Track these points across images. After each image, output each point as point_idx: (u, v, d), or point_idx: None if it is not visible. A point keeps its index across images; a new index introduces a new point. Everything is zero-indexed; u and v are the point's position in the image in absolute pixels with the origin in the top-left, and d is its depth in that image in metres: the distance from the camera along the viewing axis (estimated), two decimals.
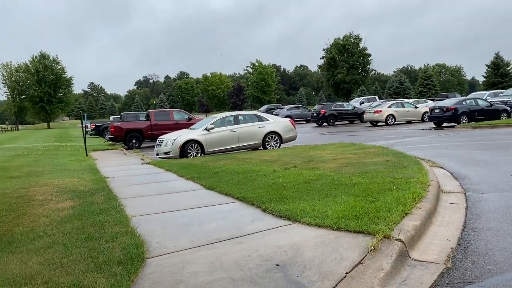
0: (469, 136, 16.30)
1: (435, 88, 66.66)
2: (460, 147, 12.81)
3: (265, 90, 61.28)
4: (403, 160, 9.12)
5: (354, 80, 49.64)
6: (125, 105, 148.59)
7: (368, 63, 50.50)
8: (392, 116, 28.18)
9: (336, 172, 8.27)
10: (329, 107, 34.15)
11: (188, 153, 14.72)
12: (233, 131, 15.45)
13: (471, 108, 22.47)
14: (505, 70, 55.68)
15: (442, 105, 23.20)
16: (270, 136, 16.01)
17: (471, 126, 20.26)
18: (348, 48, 49.48)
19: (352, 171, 8.19)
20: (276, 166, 9.88)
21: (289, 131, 16.48)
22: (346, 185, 6.68)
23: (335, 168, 8.85)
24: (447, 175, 8.25)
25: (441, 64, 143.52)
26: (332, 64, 50.31)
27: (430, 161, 10.08)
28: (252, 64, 62.16)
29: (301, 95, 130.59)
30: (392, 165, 8.44)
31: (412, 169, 7.66)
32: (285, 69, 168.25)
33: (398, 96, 65.81)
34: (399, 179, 6.67)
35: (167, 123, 22.97)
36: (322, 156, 11.17)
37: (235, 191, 6.98)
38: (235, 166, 10.41)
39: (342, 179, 7.22)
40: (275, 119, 16.92)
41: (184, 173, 10.01)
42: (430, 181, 6.51)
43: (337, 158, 10.45)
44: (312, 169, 9.05)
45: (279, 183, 7.36)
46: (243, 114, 16.89)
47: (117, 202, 6.69)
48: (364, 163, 9.15)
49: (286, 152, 13.17)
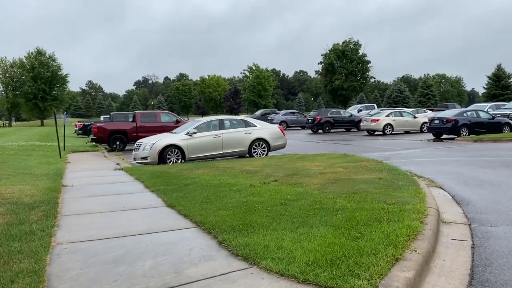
0: (471, 150, 15.23)
1: (435, 98, 65.64)
2: (461, 163, 11.74)
3: (261, 94, 59.99)
4: (398, 178, 8.03)
5: (352, 87, 48.43)
6: (123, 104, 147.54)
7: (367, 70, 49.32)
8: (389, 126, 27.13)
9: (320, 190, 7.18)
10: (325, 113, 33.10)
11: (167, 159, 13.62)
12: (217, 137, 14.35)
13: (472, 120, 21.43)
14: (506, 82, 54.69)
15: (442, 116, 22.15)
16: (258, 143, 14.92)
17: (472, 139, 19.21)
18: (347, 54, 48.33)
19: (339, 190, 7.10)
20: (255, 179, 8.79)
21: (278, 139, 15.40)
22: (328, 210, 5.58)
23: (320, 185, 7.76)
24: (448, 198, 7.17)
25: (441, 75, 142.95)
26: (330, 70, 49.10)
27: (428, 179, 9.00)
28: (250, 67, 61.10)
29: (300, 101, 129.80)
30: (385, 184, 7.34)
31: (407, 191, 6.56)
32: (285, 74, 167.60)
33: (397, 105, 64.85)
34: (391, 205, 5.57)
35: (153, 125, 21.88)
36: (308, 169, 10.08)
37: (197, 211, 5.88)
38: (210, 177, 9.31)
39: (324, 201, 6.13)
40: (263, 125, 15.83)
41: (152, 183, 8.90)
42: (428, 209, 5.41)
43: (325, 172, 9.36)
44: (294, 185, 7.96)
45: (250, 203, 6.26)
46: (229, 118, 15.81)
47: (53, 221, 5.58)
48: (353, 180, 8.06)
49: (271, 162, 12.08)
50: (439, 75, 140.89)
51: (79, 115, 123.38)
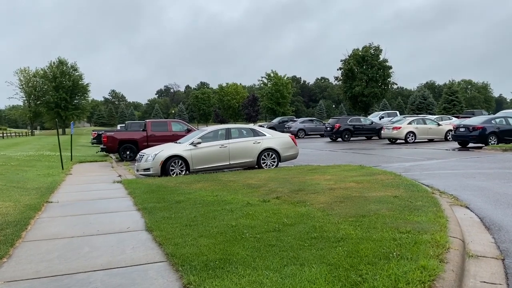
0: (500, 161, 13.93)
1: (460, 105, 63.24)
2: (490, 176, 10.54)
3: (280, 101, 58.85)
4: (417, 196, 6.98)
5: (373, 93, 46.72)
6: (145, 113, 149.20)
7: (388, 76, 47.55)
8: (412, 134, 25.74)
9: (324, 211, 6.22)
10: (345, 121, 31.87)
11: (170, 171, 12.85)
12: (224, 147, 13.51)
13: (501, 127, 19.95)
14: None
15: (468, 124, 20.74)
16: (267, 153, 13.99)
17: (501, 149, 17.79)
18: (368, 59, 46.72)
19: (346, 211, 6.13)
20: (255, 196, 7.90)
21: (289, 148, 14.43)
22: (327, 239, 4.63)
23: (326, 204, 6.80)
24: (475, 221, 6.09)
25: (467, 80, 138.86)
26: (349, 76, 47.54)
27: (452, 197, 7.90)
28: (268, 74, 59.97)
29: (321, 108, 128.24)
30: (400, 205, 6.32)
31: (426, 215, 5.54)
32: (305, 81, 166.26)
33: (421, 111, 62.87)
34: (405, 235, 4.58)
35: (164, 134, 21.25)
36: (318, 184, 9.12)
37: (174, 238, 5.03)
38: (207, 193, 8.47)
39: (326, 227, 5.18)
40: (273, 134, 14.89)
41: (142, 200, 8.11)
42: (451, 240, 4.40)
43: (335, 188, 8.38)
44: (297, 203, 7.03)
45: (239, 228, 5.37)
46: (237, 127, 14.93)
47: (7, 250, 4.82)
48: (365, 198, 7.06)
49: (279, 175, 11.16)
50: (465, 81, 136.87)
51: (102, 124, 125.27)
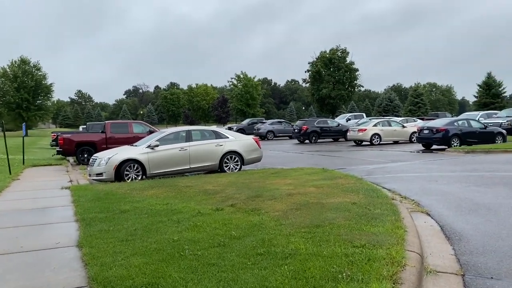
0: (463, 163, 13.93)
1: (425, 107, 64.61)
2: (453, 179, 10.39)
3: (249, 103, 58.36)
4: (376, 203, 6.63)
5: (340, 96, 46.94)
6: (113, 114, 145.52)
7: (355, 78, 47.97)
8: (377, 136, 25.81)
9: (277, 221, 5.77)
10: (312, 123, 31.73)
11: (125, 176, 12.13)
12: (184, 150, 12.90)
13: (463, 130, 20.18)
14: (497, 90, 53.86)
15: (431, 126, 20.88)
16: (230, 156, 13.48)
17: (463, 150, 17.94)
18: (335, 62, 46.86)
19: (300, 220, 5.69)
20: (209, 204, 7.38)
21: (253, 151, 13.96)
22: (274, 256, 4.16)
23: (282, 212, 6.35)
24: (435, 230, 5.78)
25: (432, 83, 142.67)
26: (317, 78, 47.54)
27: (413, 202, 7.63)
28: (237, 76, 59.40)
29: (292, 110, 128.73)
30: (358, 213, 5.94)
31: (383, 225, 5.16)
32: (276, 83, 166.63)
33: (388, 113, 63.84)
34: (358, 249, 4.17)
35: (125, 136, 20.33)
36: (277, 189, 8.68)
37: (104, 257, 4.45)
38: (157, 201, 7.87)
39: (276, 241, 4.71)
40: (237, 136, 14.39)
41: (84, 209, 7.43)
42: (407, 255, 4.02)
43: (294, 194, 7.95)
44: (251, 211, 6.56)
45: (181, 243, 4.83)
46: (198, 129, 14.36)
47: None
48: (322, 205, 6.66)
49: (239, 179, 10.66)
50: (430, 83, 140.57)
51: (67, 125, 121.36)
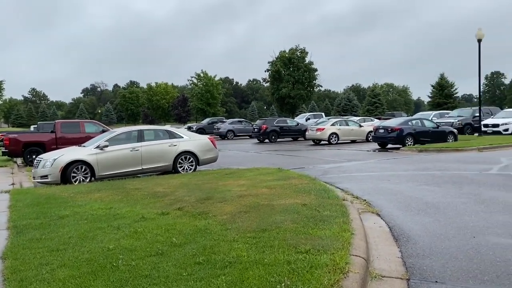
0: (415, 162, 14.22)
1: (382, 107, 66.37)
2: (405, 178, 10.52)
3: (210, 102, 57.70)
4: (326, 204, 6.51)
5: (300, 95, 47.35)
6: (69, 113, 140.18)
7: (314, 78, 48.49)
8: (335, 135, 26.09)
9: (224, 225, 5.51)
10: (271, 122, 31.73)
11: (72, 178, 11.49)
12: (135, 150, 12.38)
13: (417, 129, 20.71)
14: (449, 91, 56.12)
15: (387, 125, 21.30)
16: (184, 156, 13.08)
17: (417, 149, 18.40)
18: (294, 61, 47.17)
19: (247, 224, 5.46)
20: (156, 208, 7.02)
21: (208, 151, 13.63)
22: (214, 265, 3.90)
23: (230, 215, 6.11)
24: (385, 231, 5.71)
25: (389, 84, 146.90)
26: (277, 78, 47.67)
27: (365, 202, 7.60)
28: (197, 74, 58.49)
29: (253, 109, 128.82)
30: (307, 215, 5.78)
31: (331, 228, 5.02)
32: (238, 82, 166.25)
33: (346, 113, 65.07)
34: (302, 255, 3.98)
35: (76, 136, 19.41)
36: (229, 190, 8.42)
37: (27, 271, 4.03)
38: (101, 205, 7.42)
39: (218, 247, 4.45)
40: (191, 136, 14.00)
41: (20, 216, 6.87)
42: (352, 261, 3.87)
43: (245, 195, 7.72)
44: (198, 215, 6.27)
45: (116, 252, 4.48)
46: (150, 129, 13.88)
47: None
48: (272, 207, 6.46)
49: (192, 180, 10.33)
50: (387, 84, 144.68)
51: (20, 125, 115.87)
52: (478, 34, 23.55)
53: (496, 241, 4.93)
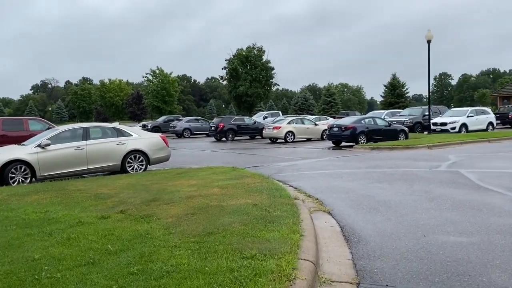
0: (368, 159, 14.38)
1: (337, 106, 67.72)
2: (357, 176, 10.54)
3: (166, 99, 56.37)
4: (277, 204, 6.28)
5: (257, 94, 47.28)
6: (18, 110, 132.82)
7: (271, 77, 48.58)
8: (291, 133, 26.18)
9: (168, 229, 5.15)
10: (228, 121, 31.40)
11: (10, 179, 10.64)
12: (80, 149, 11.67)
13: (369, 127, 21.09)
14: (401, 90, 58.03)
15: (340, 124, 21.55)
16: (133, 155, 12.49)
17: (369, 147, 18.69)
18: (251, 60, 47.02)
19: (193, 228, 5.12)
20: (96, 211, 6.52)
21: (159, 150, 13.09)
22: (149, 275, 3.54)
23: (176, 218, 5.74)
24: (336, 231, 5.55)
25: (344, 84, 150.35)
26: (234, 76, 47.37)
27: (317, 201, 7.45)
28: (153, 71, 56.90)
29: (212, 107, 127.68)
30: (256, 216, 5.51)
31: (280, 229, 4.78)
32: (196, 80, 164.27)
33: (303, 112, 65.81)
34: (247, 261, 3.70)
35: (20, 135, 18.21)
36: (178, 191, 8.02)
37: None
38: (36, 209, 6.81)
39: (157, 254, 4.09)
40: (141, 134, 13.42)
41: None
42: (300, 265, 3.63)
43: (194, 196, 7.36)
44: (142, 218, 5.85)
45: (42, 263, 4.01)
46: (97, 126, 13.16)
47: None
48: (222, 208, 6.15)
49: (141, 181, 9.82)
50: (342, 84, 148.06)
51: None
52: (427, 35, 24.34)
53: (446, 240, 4.88)
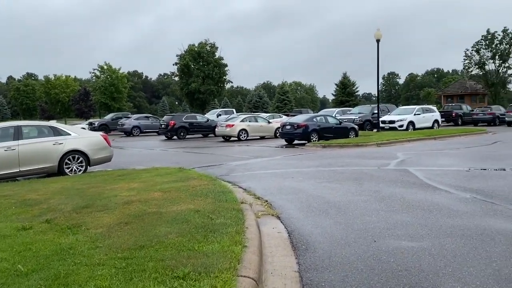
0: (319, 158, 14.25)
1: (291, 104, 68.38)
2: (308, 175, 10.29)
3: (115, 96, 54.10)
4: (222, 209, 5.83)
5: (210, 91, 46.50)
6: None
7: (224, 74, 47.97)
8: (244, 131, 25.82)
9: (95, 242, 4.55)
10: (180, 118, 30.51)
11: None
12: (11, 150, 10.63)
13: (321, 125, 21.13)
14: (351, 89, 59.35)
15: (293, 122, 21.44)
16: (72, 156, 11.58)
17: (321, 145, 18.70)
18: (204, 56, 46.11)
19: (124, 240, 4.56)
20: (19, 220, 5.79)
21: (101, 150, 12.23)
22: None
23: (107, 228, 5.14)
24: (283, 237, 5.18)
25: (297, 82, 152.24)
26: (186, 72, 46.26)
27: (266, 203, 7.08)
28: (100, 67, 54.35)
29: (164, 104, 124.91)
30: (197, 225, 5.03)
31: (220, 241, 4.32)
32: (148, 77, 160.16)
33: (258, 110, 65.78)
34: (178, 282, 3.21)
35: None
36: (116, 196, 7.36)
37: None
38: None
39: (74, 276, 3.51)
40: (81, 133, 12.49)
41: None
42: (239, 284, 3.20)
43: (133, 201, 6.75)
44: (67, 229, 5.21)
45: None
46: (31, 125, 12.12)
47: None
48: (160, 216, 5.61)
49: (77, 184, 9.02)
50: (295, 82, 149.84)
51: None
52: (376, 35, 24.77)
53: (397, 245, 4.64)
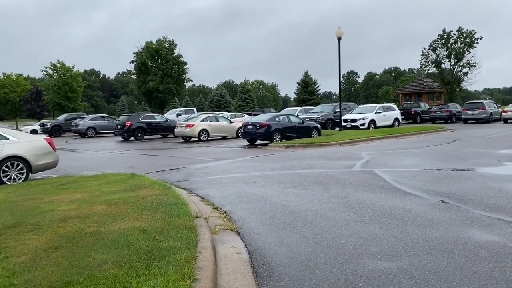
0: (283, 159, 13.66)
1: (253, 103, 67.93)
2: (272, 179, 9.65)
3: (69, 96, 51.39)
4: (173, 226, 5.05)
5: (169, 89, 45.03)
6: None
7: (184, 72, 46.58)
8: (205, 131, 24.93)
9: (10, 277, 3.69)
10: (137, 118, 29.20)
11: None
12: None
13: (284, 125, 20.62)
14: (313, 88, 59.59)
15: (255, 121, 20.79)
16: (11, 163, 10.40)
17: (284, 145, 18.16)
18: (162, 53, 44.59)
19: (46, 273, 3.71)
20: None
21: (44, 155, 11.08)
22: None
23: (31, 255, 4.26)
24: (243, 260, 4.47)
25: (259, 81, 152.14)
26: (143, 70, 44.57)
27: (225, 215, 6.37)
28: (53, 65, 51.41)
29: (123, 104, 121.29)
30: (139, 250, 4.23)
31: (166, 273, 3.55)
32: (105, 75, 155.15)
33: (219, 109, 64.90)
34: None
35: None
36: (53, 210, 6.42)
37: None
38: None
39: None
40: (21, 137, 11.27)
41: None
42: None
43: (70, 218, 5.85)
44: None
45: None
46: None
47: None
48: (99, 237, 4.77)
49: (12, 195, 7.98)
50: (257, 81, 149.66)
51: None
52: (337, 33, 24.55)
53: (373, 267, 4.04)
